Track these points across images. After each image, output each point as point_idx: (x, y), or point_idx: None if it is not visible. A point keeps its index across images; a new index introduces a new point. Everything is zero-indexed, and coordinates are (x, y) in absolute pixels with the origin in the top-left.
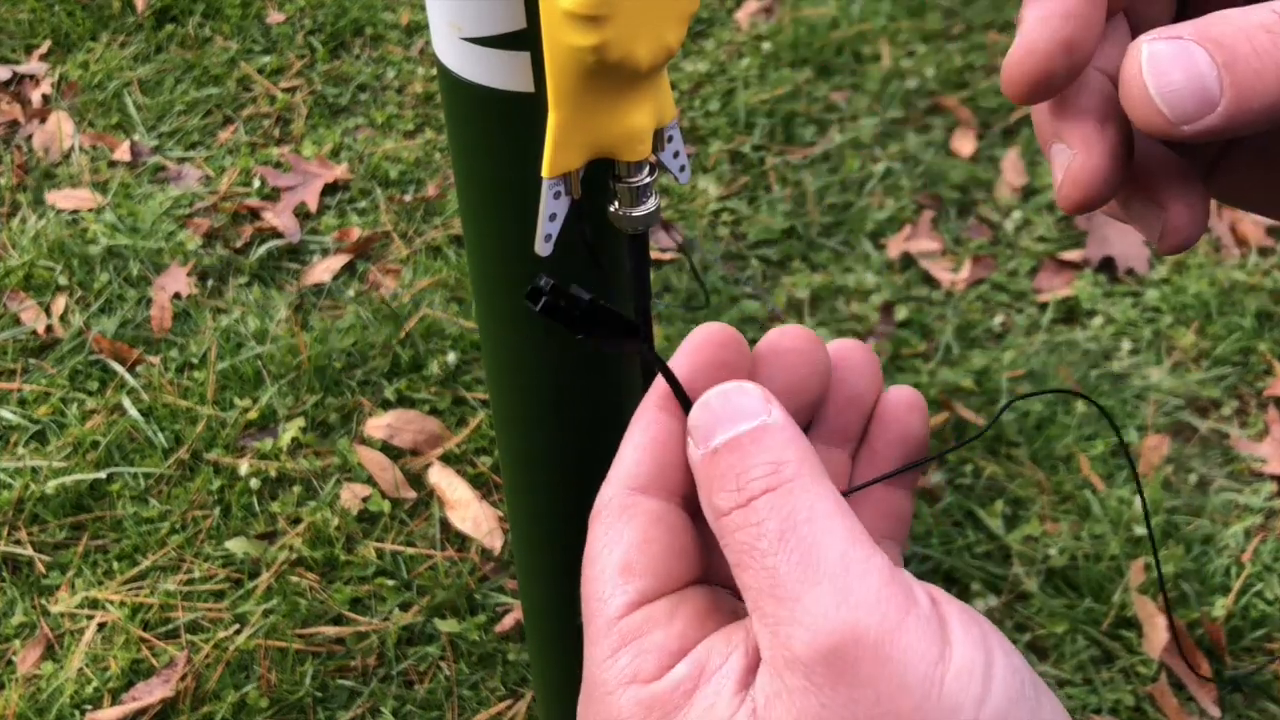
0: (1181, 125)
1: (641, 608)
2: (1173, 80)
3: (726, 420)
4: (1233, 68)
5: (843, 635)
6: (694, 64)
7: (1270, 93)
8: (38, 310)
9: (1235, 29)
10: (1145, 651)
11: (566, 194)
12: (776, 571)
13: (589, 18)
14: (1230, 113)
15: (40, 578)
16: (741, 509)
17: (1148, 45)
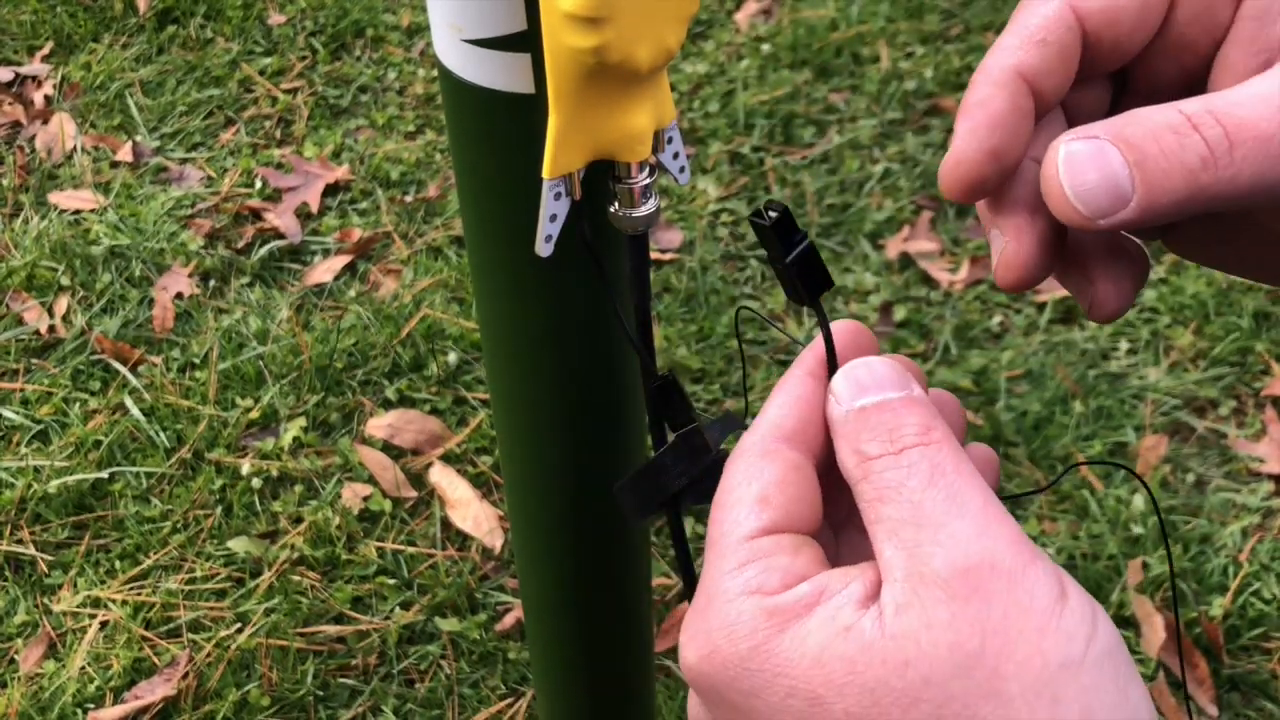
0: (1098, 220)
1: (771, 535)
2: (1088, 180)
3: (874, 386)
4: (1143, 166)
5: (981, 559)
6: (693, 65)
7: (1177, 189)
8: (40, 310)
9: (1145, 130)
10: (1144, 650)
11: (567, 194)
12: (923, 505)
13: (589, 19)
14: (1142, 207)
15: (42, 577)
16: (893, 455)
17: (1065, 146)
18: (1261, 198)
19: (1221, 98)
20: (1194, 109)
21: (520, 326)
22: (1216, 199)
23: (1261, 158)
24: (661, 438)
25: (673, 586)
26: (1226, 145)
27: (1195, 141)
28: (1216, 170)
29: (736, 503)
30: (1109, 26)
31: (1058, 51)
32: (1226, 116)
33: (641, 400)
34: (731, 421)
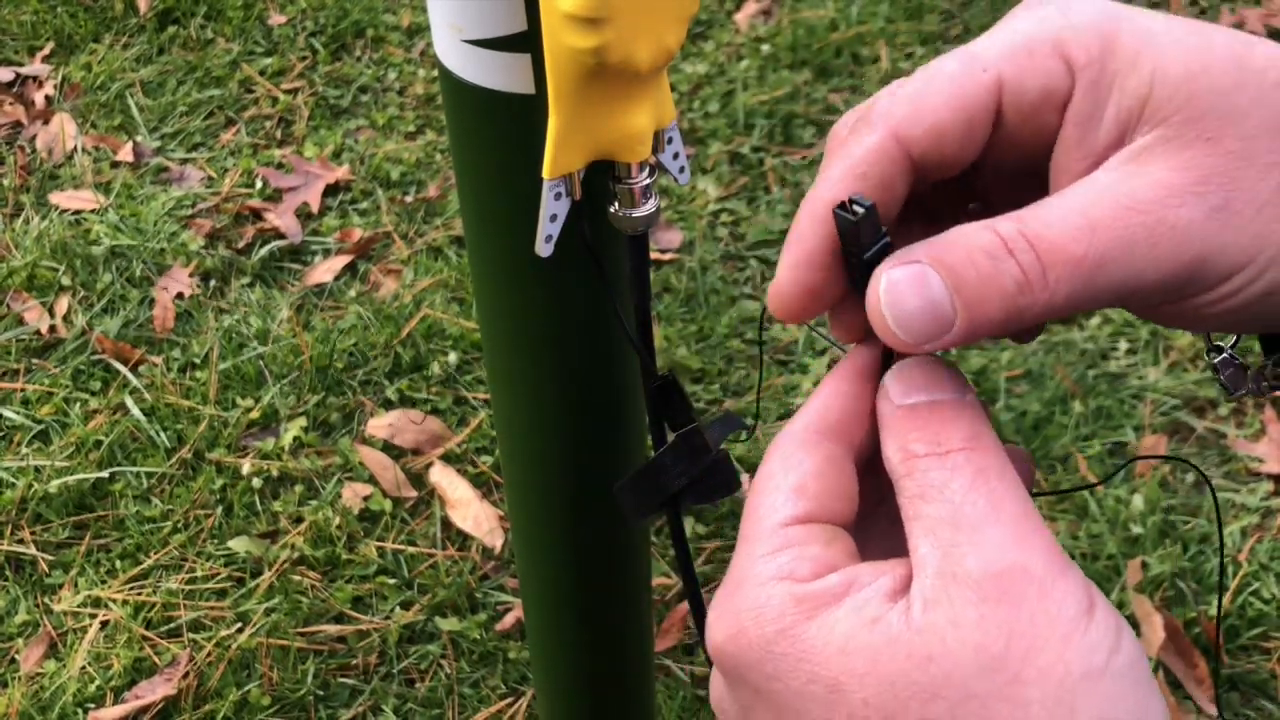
0: (922, 344)
1: (805, 524)
2: (909, 306)
3: (928, 386)
4: (962, 292)
5: (1014, 565)
6: (693, 65)
7: (996, 314)
8: (41, 310)
9: (963, 255)
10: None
11: (567, 195)
12: (963, 507)
13: (589, 20)
14: (965, 331)
15: (43, 576)
16: (939, 457)
17: (886, 274)
18: (1086, 308)
19: (1035, 216)
20: (1008, 231)
21: (520, 326)
22: (1040, 317)
23: (1074, 279)
24: (661, 438)
25: (673, 586)
26: (1039, 270)
27: (1010, 267)
28: (1033, 294)
29: (774, 490)
30: (934, 148)
31: (878, 183)
32: (1039, 239)
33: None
34: (731, 421)
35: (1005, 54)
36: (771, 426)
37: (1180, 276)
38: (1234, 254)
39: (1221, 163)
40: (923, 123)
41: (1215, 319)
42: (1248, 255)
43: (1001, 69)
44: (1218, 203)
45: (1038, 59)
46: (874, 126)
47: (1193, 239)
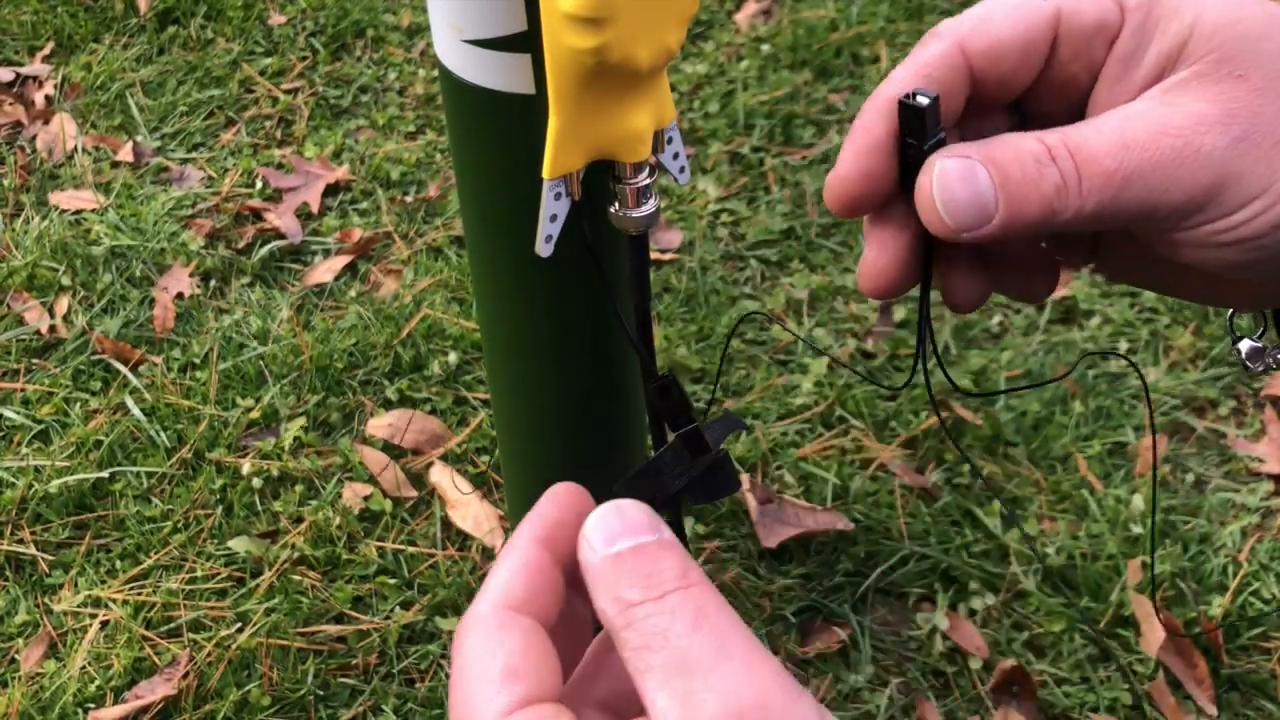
0: (962, 233)
1: (526, 708)
2: (958, 196)
3: (627, 531)
4: (1006, 189)
5: (753, 702)
6: (693, 65)
7: (1033, 211)
8: (41, 310)
9: (1011, 155)
10: (1142, 650)
11: (567, 195)
12: (689, 651)
13: (589, 20)
14: (1004, 224)
15: (43, 576)
16: (655, 601)
17: (940, 162)
18: (1115, 223)
19: (1077, 131)
20: (1053, 141)
21: (520, 326)
22: (1068, 223)
23: (1105, 190)
24: (661, 438)
25: None
26: (1076, 178)
27: (1052, 172)
28: (1067, 198)
29: (482, 678)
30: (994, 65)
31: (941, 86)
32: (1079, 151)
33: (641, 400)
34: (731, 422)
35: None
36: (771, 426)
37: (1200, 199)
38: (1251, 182)
39: (1247, 98)
40: (986, 37)
41: (1227, 247)
42: (1263, 184)
43: (1061, 2)
44: (1240, 133)
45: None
46: (941, 37)
47: (1215, 163)
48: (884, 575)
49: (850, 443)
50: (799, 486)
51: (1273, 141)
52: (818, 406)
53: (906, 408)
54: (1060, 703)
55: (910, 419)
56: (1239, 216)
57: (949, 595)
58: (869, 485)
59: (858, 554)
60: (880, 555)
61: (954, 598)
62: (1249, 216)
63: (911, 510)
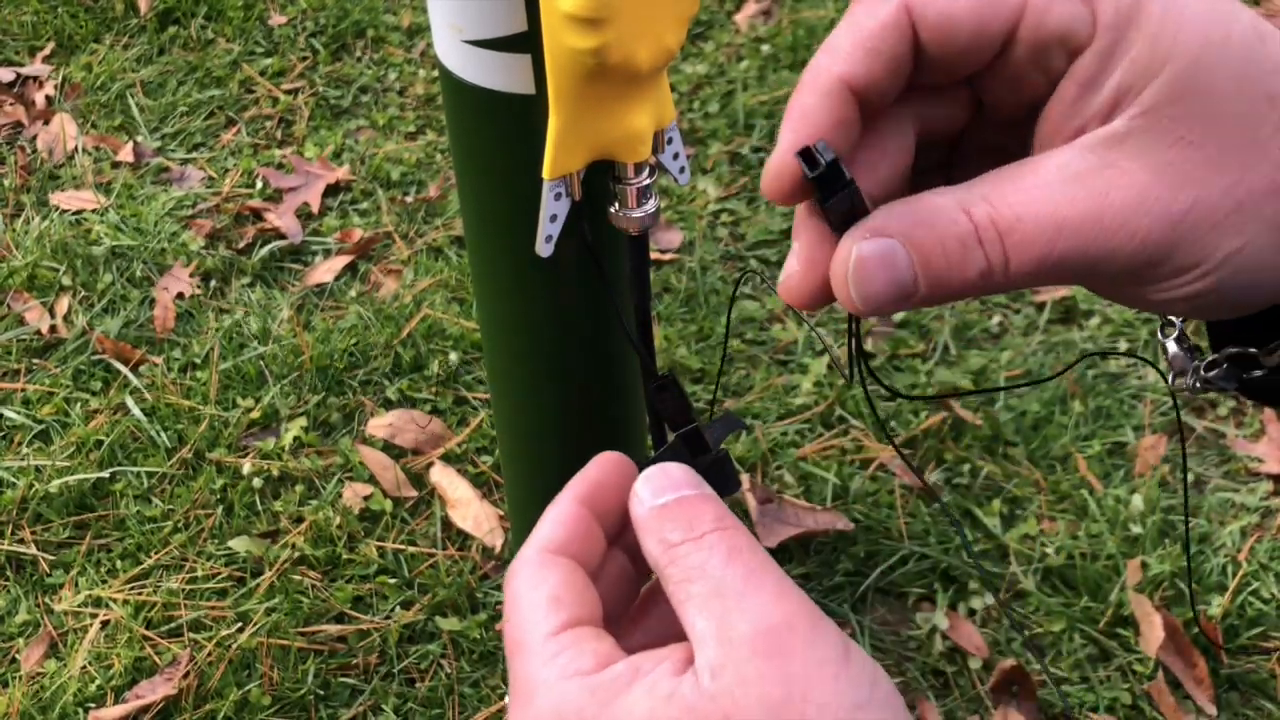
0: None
1: (572, 628)
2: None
3: (672, 486)
4: (928, 270)
5: (779, 621)
6: (693, 66)
7: (955, 290)
8: (41, 310)
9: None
10: (1142, 650)
11: (567, 195)
12: (725, 580)
13: (589, 20)
14: (925, 300)
15: (44, 576)
16: (694, 541)
17: (856, 248)
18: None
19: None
20: (981, 219)
21: (520, 326)
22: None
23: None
24: (661, 438)
25: None
26: (1003, 260)
27: (978, 256)
28: (994, 280)
29: (531, 606)
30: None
31: (887, 62)
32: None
33: (641, 400)
34: (731, 422)
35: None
36: (771, 426)
37: (1132, 271)
38: (1186, 257)
39: (1197, 173)
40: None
41: (1162, 305)
42: (1198, 259)
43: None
44: (1181, 213)
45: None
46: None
47: (1151, 244)
48: (884, 575)
49: (850, 443)
50: (799, 486)
51: (1212, 222)
52: (817, 406)
53: (906, 408)
54: (1059, 703)
55: (910, 419)
56: (1171, 284)
57: (949, 595)
58: (869, 485)
59: (857, 554)
60: (880, 555)
61: (953, 597)
62: (1181, 284)
63: (911, 510)
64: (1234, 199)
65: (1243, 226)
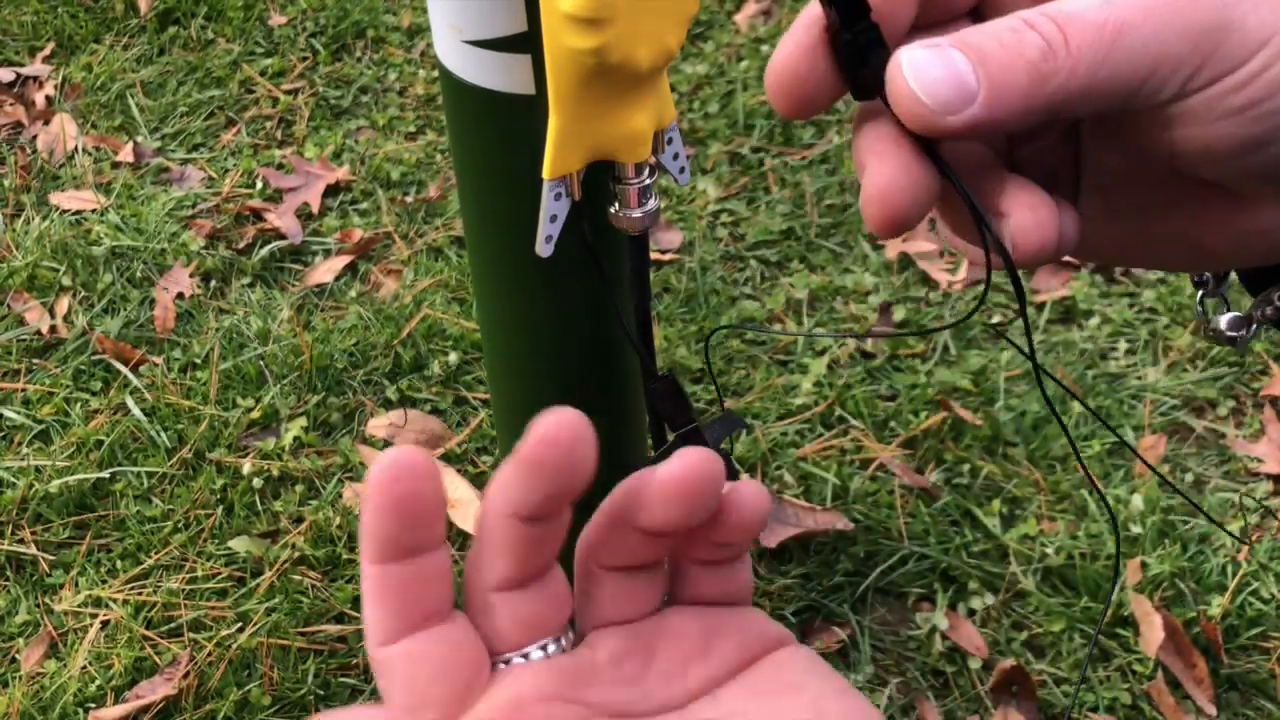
0: (946, 116)
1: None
2: (933, 75)
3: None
4: (985, 63)
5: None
6: (693, 66)
7: (1019, 82)
8: (41, 310)
9: (985, 34)
10: (1142, 650)
11: (567, 195)
12: None
13: (589, 21)
14: (989, 102)
15: (44, 576)
16: None
17: (906, 53)
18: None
19: (1056, 5)
20: (1030, 13)
21: (520, 326)
22: (1058, 93)
23: (1094, 48)
24: (661, 438)
25: None
26: (1061, 39)
27: (1033, 37)
28: (1055, 61)
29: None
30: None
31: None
32: (1059, 14)
33: (641, 400)
34: (731, 421)
35: None
36: (771, 426)
37: (1201, 49)
38: (1253, 28)
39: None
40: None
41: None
42: (1267, 31)
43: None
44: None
45: None
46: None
47: (1216, 6)
48: (883, 575)
49: (850, 443)
50: (799, 486)
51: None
52: (817, 406)
53: (906, 408)
54: (1060, 702)
55: (910, 419)
56: (1244, 72)
57: (948, 595)
58: (868, 485)
59: (857, 554)
60: (880, 555)
61: (953, 597)
62: (1256, 70)
63: (911, 510)
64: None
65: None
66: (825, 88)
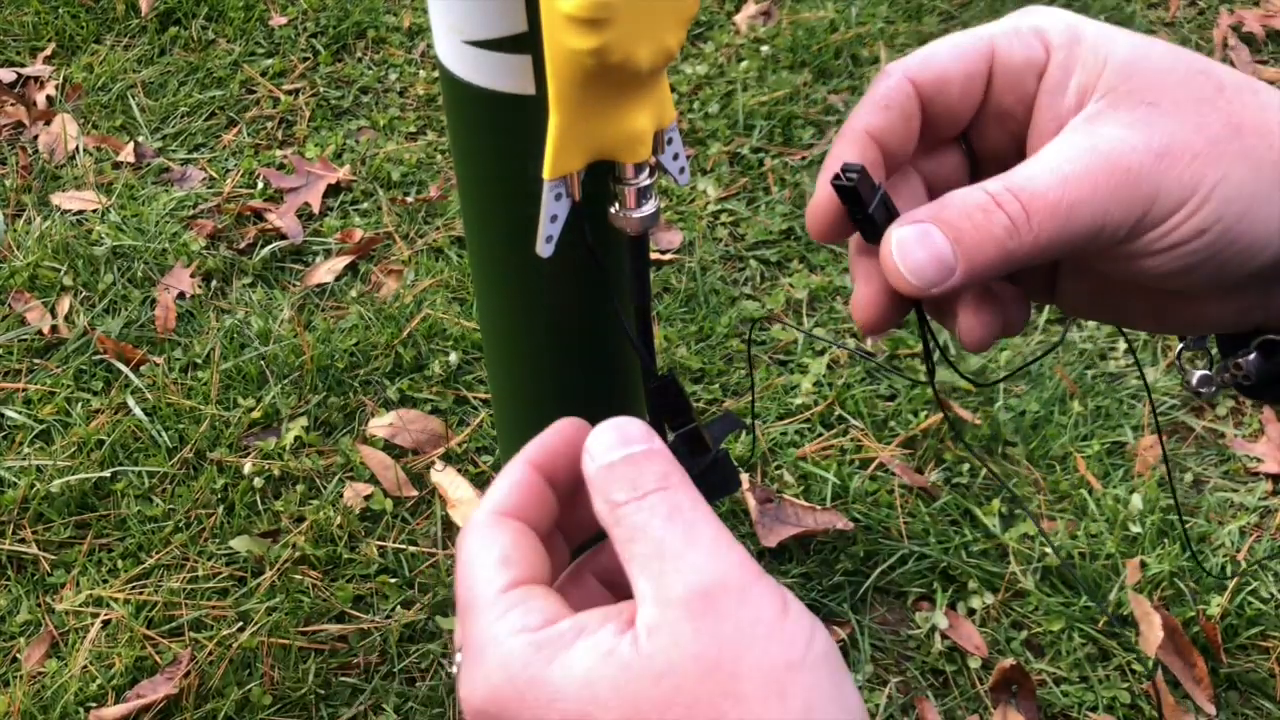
0: (930, 289)
1: (521, 586)
2: (918, 257)
3: (621, 443)
4: (961, 241)
5: (714, 581)
6: (693, 66)
7: (991, 256)
8: (43, 310)
9: (959, 211)
10: (1141, 649)
11: (567, 195)
12: (664, 541)
13: (590, 21)
14: (965, 273)
15: (45, 576)
16: (637, 501)
17: (895, 233)
18: (1066, 250)
19: (1018, 174)
20: (996, 188)
21: (521, 326)
22: (1027, 258)
23: (1055, 219)
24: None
25: None
26: (1024, 217)
27: (1000, 217)
28: (1019, 236)
29: (482, 566)
30: (940, 94)
31: (899, 113)
32: (1022, 191)
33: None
34: (731, 421)
35: (998, 31)
36: (771, 426)
37: (1136, 213)
38: (1176, 191)
39: (1161, 120)
40: (932, 70)
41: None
42: (1187, 192)
43: (995, 38)
44: (1160, 148)
45: (1023, 36)
46: (891, 74)
47: (1144, 179)
48: (883, 574)
49: (850, 442)
50: (799, 486)
51: (1190, 156)
52: (817, 406)
53: (906, 408)
54: (1059, 702)
55: (909, 419)
56: (1169, 224)
57: (948, 594)
58: (868, 485)
59: (857, 553)
60: (880, 554)
61: (953, 597)
62: (1178, 223)
63: (911, 510)
64: (1204, 136)
65: (1219, 159)
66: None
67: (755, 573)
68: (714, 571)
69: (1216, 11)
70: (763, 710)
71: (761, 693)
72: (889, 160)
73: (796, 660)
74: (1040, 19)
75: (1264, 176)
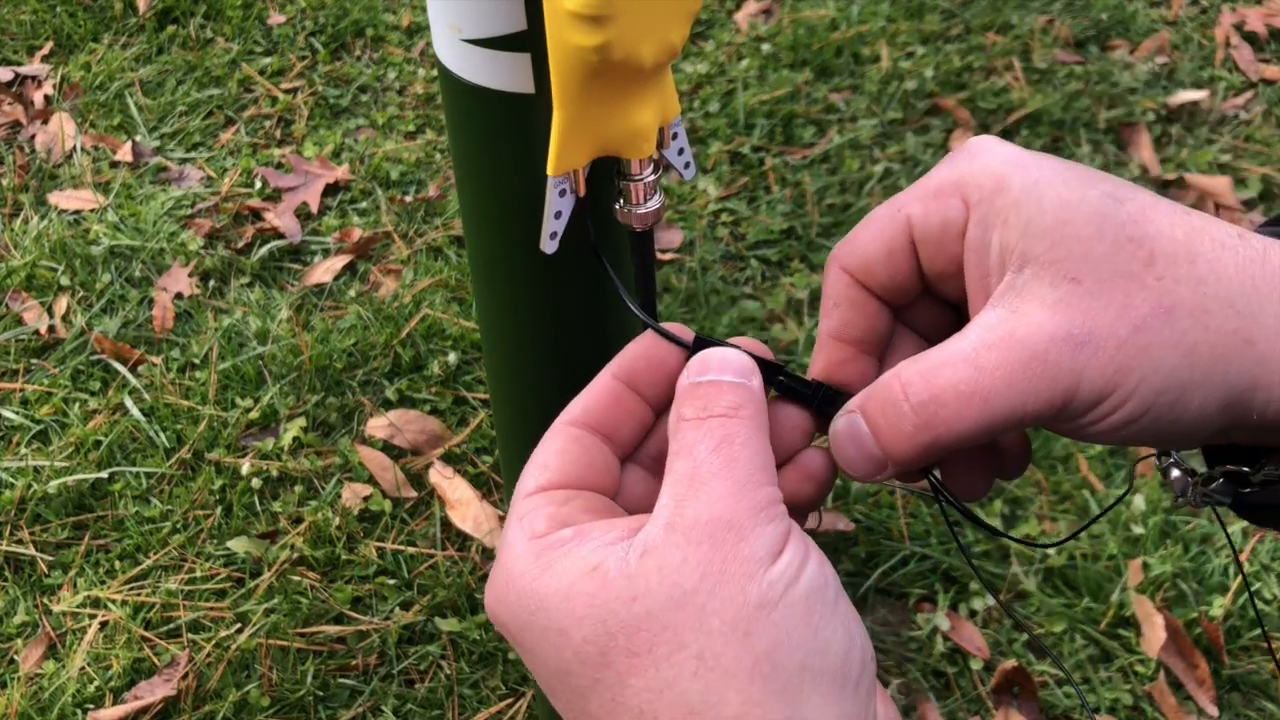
0: (874, 479)
1: (545, 491)
2: (849, 454)
3: (717, 369)
4: (880, 437)
5: (724, 515)
6: (694, 65)
7: (907, 449)
8: (40, 310)
9: (877, 404)
10: (1143, 651)
11: (571, 192)
12: (701, 465)
13: (593, 18)
14: (896, 464)
15: (42, 577)
16: (700, 420)
17: (833, 428)
18: (991, 435)
19: (937, 355)
20: (910, 374)
21: (521, 326)
22: (951, 445)
23: (968, 411)
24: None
25: None
26: (934, 409)
27: (906, 410)
28: (933, 430)
29: (524, 472)
30: (871, 277)
31: (848, 306)
32: (935, 378)
33: None
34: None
35: (916, 197)
36: None
37: (1056, 404)
38: (1099, 384)
39: (1083, 300)
40: (855, 256)
41: (1097, 437)
42: (1109, 385)
43: (910, 209)
44: (1082, 336)
45: (941, 198)
46: (829, 266)
47: (1063, 372)
48: (884, 575)
49: None
50: None
51: (1114, 345)
52: None
53: None
54: (1061, 703)
55: None
56: (1094, 414)
57: (950, 596)
58: (869, 485)
59: (858, 554)
60: (881, 555)
61: (955, 598)
62: (1102, 414)
63: (912, 510)
64: (1129, 321)
65: (1145, 349)
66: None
67: (768, 516)
68: (729, 507)
69: (1219, 10)
70: (723, 647)
71: (725, 629)
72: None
73: (771, 600)
74: (965, 167)
75: (1198, 363)
